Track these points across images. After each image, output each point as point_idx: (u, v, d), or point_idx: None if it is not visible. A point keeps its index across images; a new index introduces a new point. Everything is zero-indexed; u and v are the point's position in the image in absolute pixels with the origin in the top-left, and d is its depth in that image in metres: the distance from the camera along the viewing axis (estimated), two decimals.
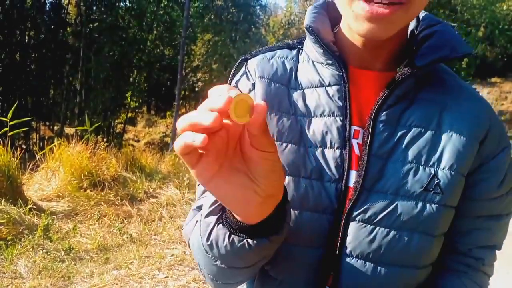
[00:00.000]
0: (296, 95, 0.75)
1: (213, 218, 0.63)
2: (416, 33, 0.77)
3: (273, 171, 0.54)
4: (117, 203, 4.89)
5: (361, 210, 0.68)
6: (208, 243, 0.63)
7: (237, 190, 0.53)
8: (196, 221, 0.71)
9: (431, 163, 0.69)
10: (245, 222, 0.58)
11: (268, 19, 21.38)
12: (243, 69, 0.81)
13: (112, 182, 5.21)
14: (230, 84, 0.81)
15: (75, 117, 13.68)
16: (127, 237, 4.08)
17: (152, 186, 5.68)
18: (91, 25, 13.97)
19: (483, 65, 22.00)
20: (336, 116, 0.71)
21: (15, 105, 5.33)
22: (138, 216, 4.70)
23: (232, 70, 0.82)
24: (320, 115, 0.72)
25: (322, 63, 0.75)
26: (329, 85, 0.73)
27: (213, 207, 0.64)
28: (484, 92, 27.70)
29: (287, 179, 0.70)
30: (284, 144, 0.71)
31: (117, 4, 14.72)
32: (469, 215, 0.75)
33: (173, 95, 15.84)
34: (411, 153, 0.69)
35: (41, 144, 11.72)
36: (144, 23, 15.42)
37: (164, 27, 16.85)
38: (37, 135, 13.63)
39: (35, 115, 13.94)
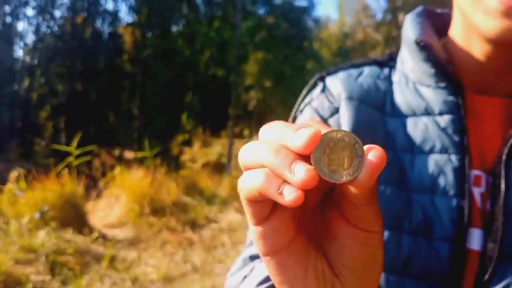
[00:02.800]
0: (394, 124, 0.59)
1: None
2: None
3: (369, 263, 0.35)
4: (179, 229, 4.84)
5: (502, 285, 0.49)
6: None
7: (310, 279, 0.35)
8: (245, 276, 0.53)
9: None
10: None
11: (321, 32, 21.22)
12: (318, 89, 0.63)
13: (172, 207, 5.19)
14: (301, 103, 0.63)
15: (134, 142, 14.10)
16: (191, 266, 3.98)
17: (212, 211, 5.60)
18: (146, 51, 14.47)
19: None
20: (451, 154, 0.54)
21: (79, 135, 5.47)
22: (200, 243, 4.60)
23: (305, 89, 0.63)
24: (429, 152, 0.56)
25: (428, 85, 0.58)
26: (440, 113, 0.57)
27: (263, 285, 0.47)
28: None
29: (385, 234, 0.53)
30: (381, 187, 0.55)
31: (170, 28, 15.20)
32: None
33: (227, 115, 15.99)
34: None
35: (103, 169, 12.15)
36: (196, 46, 15.78)
37: (216, 48, 17.16)
38: (99, 160, 14.16)
39: (97, 141, 14.54)
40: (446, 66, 0.57)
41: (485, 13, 0.50)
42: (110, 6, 14.61)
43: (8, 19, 13.71)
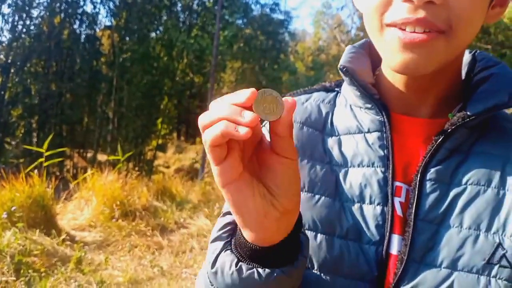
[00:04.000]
0: (331, 142, 0.67)
1: (220, 244, 0.56)
2: (472, 76, 0.67)
3: (293, 182, 0.50)
4: (148, 234, 4.87)
5: (410, 286, 0.57)
6: (213, 270, 0.55)
7: (257, 198, 0.49)
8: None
9: (494, 229, 0.56)
10: (258, 244, 0.51)
11: (296, 45, 21.57)
12: None
13: (143, 212, 5.22)
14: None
15: (107, 144, 13.97)
16: (158, 270, 4.03)
17: (182, 216, 5.65)
18: (124, 55, 14.41)
19: None
20: (377, 167, 0.62)
21: (50, 136, 5.45)
22: (168, 248, 4.65)
23: None
24: (359, 165, 0.63)
25: (360, 107, 0.66)
26: (369, 131, 0.65)
27: (221, 231, 0.57)
28: None
29: (319, 237, 0.61)
30: (317, 197, 0.63)
31: (148, 34, 15.18)
32: None
33: None
34: (469, 217, 0.57)
35: (74, 171, 11.98)
36: (174, 52, 15.80)
37: (194, 55, 17.23)
38: (71, 162, 13.97)
39: (69, 143, 14.35)
40: (368, 88, 0.64)
41: (387, 48, 0.57)
42: (88, 8, 14.43)
43: None
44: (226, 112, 0.44)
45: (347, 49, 0.71)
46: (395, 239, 0.59)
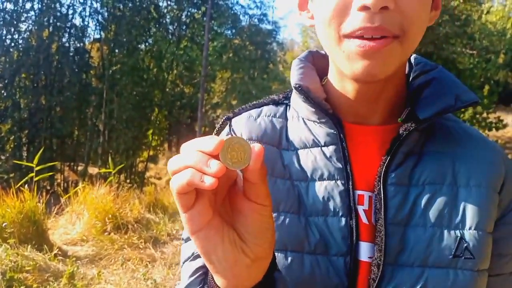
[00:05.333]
0: (289, 157, 0.67)
1: None
2: (410, 80, 0.70)
3: (266, 229, 0.49)
4: (141, 246, 4.85)
5: None
6: None
7: (226, 245, 0.48)
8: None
9: (455, 224, 0.61)
10: None
11: (285, 55, 21.73)
12: (227, 129, 0.73)
13: (135, 225, 5.21)
14: None
15: (98, 157, 13.91)
16: (152, 283, 4.02)
17: (175, 228, 5.64)
18: (113, 67, 14.41)
19: (507, 91, 21.68)
20: (337, 179, 0.63)
21: (41, 150, 5.44)
22: (161, 260, 4.64)
23: (215, 130, 0.74)
24: (319, 179, 0.64)
25: (314, 121, 0.67)
26: (325, 145, 0.66)
27: (193, 277, 0.59)
28: (509, 119, 27.22)
29: (290, 257, 0.61)
30: (282, 215, 0.63)
31: (138, 46, 15.21)
32: (501, 272, 0.65)
33: (194, 132, 16.05)
34: (432, 215, 0.61)
35: (65, 185, 11.89)
36: (163, 64, 15.83)
37: (184, 66, 17.27)
38: (62, 175, 13.87)
39: (60, 156, 14.25)
40: (322, 104, 0.65)
41: (347, 58, 0.57)
42: (77, 21, 14.42)
43: None
44: (192, 161, 0.44)
45: (294, 64, 0.71)
46: (364, 246, 0.61)
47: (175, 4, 15.85)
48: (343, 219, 0.61)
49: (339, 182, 0.63)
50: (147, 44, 16.01)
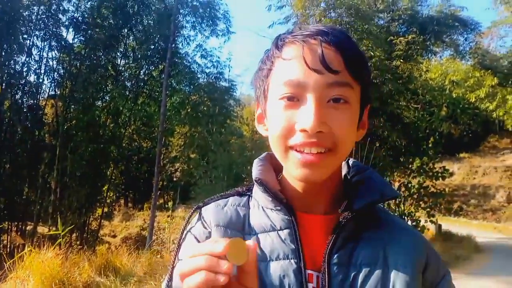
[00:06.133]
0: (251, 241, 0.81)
1: None
2: (349, 178, 0.86)
3: None
4: None
5: None
6: None
7: None
8: None
9: None
10: None
11: (242, 110, 22.25)
12: (197, 216, 0.86)
13: None
14: (184, 230, 0.85)
15: (48, 216, 13.35)
16: None
17: None
18: (68, 123, 14.22)
19: (450, 141, 22.95)
20: (291, 259, 0.75)
21: None
22: None
23: (187, 218, 0.85)
24: (276, 259, 0.75)
25: (271, 209, 0.80)
26: (281, 229, 0.78)
27: None
28: (454, 167, 28.60)
29: None
30: None
31: (94, 102, 15.14)
32: None
33: (151, 187, 15.81)
34: None
35: (12, 247, 11.27)
36: (120, 120, 15.78)
37: (141, 121, 17.29)
38: (8, 237, 13.14)
39: (8, 215, 13.57)
40: (278, 195, 0.78)
41: (291, 165, 0.74)
42: (32, 78, 14.25)
43: None
44: (206, 264, 0.56)
45: (255, 162, 0.87)
46: None
47: (132, 62, 16.08)
48: None
49: (292, 261, 0.75)
50: (104, 100, 15.98)
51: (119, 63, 16.01)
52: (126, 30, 15.49)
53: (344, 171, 0.88)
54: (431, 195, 13.59)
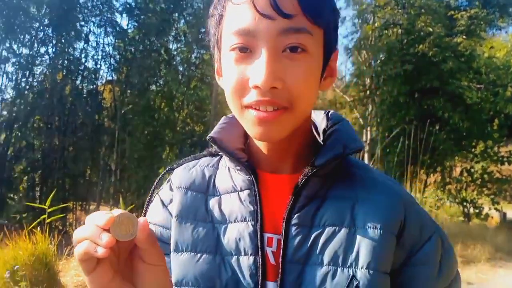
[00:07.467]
0: (213, 202, 0.74)
1: None
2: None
3: (160, 285, 0.59)
4: None
5: None
6: None
7: None
8: None
9: (348, 263, 0.65)
10: None
11: None
12: (168, 178, 0.82)
13: None
14: (153, 192, 0.82)
15: (110, 196, 14.00)
16: None
17: None
18: (125, 108, 14.72)
19: None
20: (248, 221, 0.69)
21: (53, 192, 5.52)
22: None
23: (157, 179, 0.81)
24: (234, 221, 0.70)
25: (234, 169, 0.75)
26: (241, 190, 0.72)
27: None
28: None
29: None
30: (199, 255, 0.69)
31: (149, 87, 15.57)
32: None
33: None
34: (328, 254, 0.65)
35: (77, 225, 11.93)
36: (174, 104, 16.14)
37: (194, 106, 17.58)
38: (74, 215, 13.93)
39: (73, 196, 14.38)
40: (235, 154, 0.73)
41: (247, 124, 0.67)
42: (90, 64, 14.86)
43: None
44: (89, 233, 0.53)
45: (220, 121, 0.81)
46: (270, 286, 0.66)
47: (184, 46, 16.30)
48: (252, 258, 0.67)
49: (249, 223, 0.69)
50: (158, 84, 16.39)
51: (171, 47, 16.31)
52: (177, 14, 15.69)
53: (323, 125, 0.79)
54: (496, 181, 12.71)
